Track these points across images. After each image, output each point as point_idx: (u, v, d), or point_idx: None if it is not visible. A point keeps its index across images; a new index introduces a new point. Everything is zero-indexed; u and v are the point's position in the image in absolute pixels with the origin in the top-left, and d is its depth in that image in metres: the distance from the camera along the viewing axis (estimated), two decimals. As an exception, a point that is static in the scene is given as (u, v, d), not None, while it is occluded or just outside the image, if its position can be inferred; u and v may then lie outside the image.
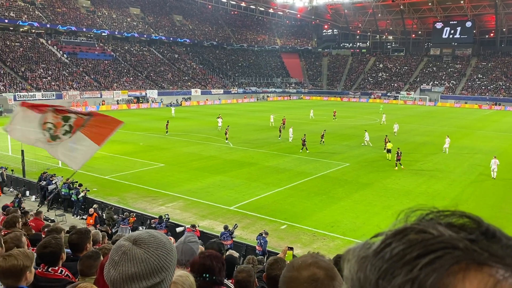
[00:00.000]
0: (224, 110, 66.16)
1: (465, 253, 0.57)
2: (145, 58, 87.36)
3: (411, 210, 0.67)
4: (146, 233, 1.47)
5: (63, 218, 18.96)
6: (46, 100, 60.76)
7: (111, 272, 1.39)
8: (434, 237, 0.59)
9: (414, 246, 0.58)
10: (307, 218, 18.77)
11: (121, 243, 1.43)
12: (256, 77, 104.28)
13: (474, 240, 0.58)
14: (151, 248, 1.41)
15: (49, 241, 4.27)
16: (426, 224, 0.62)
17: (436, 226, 0.61)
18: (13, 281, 3.32)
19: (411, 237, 0.60)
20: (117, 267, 1.38)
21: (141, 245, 1.41)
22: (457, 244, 0.58)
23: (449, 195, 22.29)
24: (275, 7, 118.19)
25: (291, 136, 36.35)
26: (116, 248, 1.42)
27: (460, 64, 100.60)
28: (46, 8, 79.74)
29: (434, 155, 32.58)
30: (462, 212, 0.64)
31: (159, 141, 36.37)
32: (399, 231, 0.62)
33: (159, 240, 1.45)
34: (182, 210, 19.74)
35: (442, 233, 0.59)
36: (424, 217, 0.64)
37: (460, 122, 55.90)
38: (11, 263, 3.30)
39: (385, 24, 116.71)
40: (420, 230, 0.61)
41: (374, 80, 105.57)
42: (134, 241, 1.42)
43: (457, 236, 0.59)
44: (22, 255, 3.39)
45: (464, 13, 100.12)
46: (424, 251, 0.58)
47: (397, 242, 0.60)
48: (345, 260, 0.67)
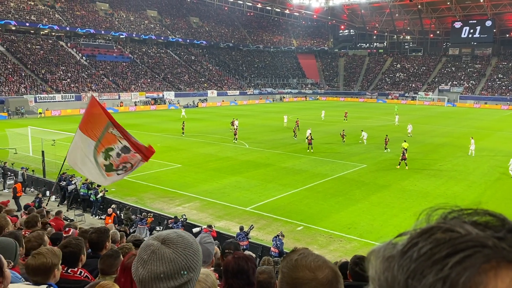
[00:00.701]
0: (240, 111, 66.33)
1: (495, 251, 0.56)
2: (162, 60, 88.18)
3: (432, 209, 0.67)
4: (174, 233, 1.49)
5: (82, 218, 19.28)
6: (65, 102, 61.90)
7: (140, 271, 1.41)
8: (462, 235, 0.59)
9: (442, 245, 0.58)
10: (323, 219, 18.68)
11: (150, 242, 1.45)
12: (272, 78, 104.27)
13: (501, 238, 0.58)
14: (179, 248, 1.43)
15: (70, 241, 4.35)
16: (452, 223, 0.62)
17: (463, 225, 0.61)
18: (42, 278, 3.41)
19: (438, 236, 0.60)
20: (146, 266, 1.40)
21: (169, 245, 1.43)
22: (486, 242, 0.57)
23: (469, 197, 21.91)
24: (291, 8, 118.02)
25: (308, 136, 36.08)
26: (145, 247, 1.45)
27: (479, 64, 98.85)
28: (66, 11, 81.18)
29: (453, 156, 32.07)
30: (484, 210, 0.64)
31: (176, 142, 36.66)
32: (426, 230, 0.62)
33: (187, 240, 1.47)
34: (199, 211, 19.86)
35: (469, 231, 0.59)
36: (447, 216, 0.64)
37: (479, 123, 54.91)
38: (40, 261, 3.40)
39: (402, 24, 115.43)
40: (447, 229, 0.60)
41: (392, 80, 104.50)
42: (163, 240, 1.44)
43: (484, 234, 0.58)
44: (50, 253, 3.48)
45: (483, 12, 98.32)
46: (453, 250, 0.57)
47: (424, 241, 0.60)
48: (369, 261, 0.66)
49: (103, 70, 74.81)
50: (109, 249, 4.87)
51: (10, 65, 64.29)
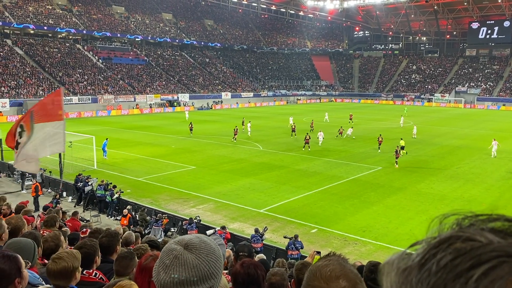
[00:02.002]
0: (254, 113, 66.40)
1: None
2: (177, 63, 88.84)
3: (444, 216, 0.64)
4: (197, 238, 1.47)
5: (98, 219, 19.50)
6: (82, 104, 62.79)
7: (162, 275, 1.39)
8: (484, 245, 0.55)
9: (463, 256, 0.55)
10: (338, 222, 18.56)
11: (173, 247, 1.43)
12: (286, 80, 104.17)
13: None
14: (202, 254, 1.41)
15: (85, 242, 4.39)
16: (471, 231, 0.58)
17: (483, 233, 0.57)
18: (64, 282, 3.44)
19: (458, 246, 0.56)
20: (168, 271, 1.38)
21: (192, 251, 1.41)
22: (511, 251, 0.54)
23: (486, 201, 21.54)
24: (305, 10, 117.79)
25: (320, 140, 35.95)
26: (167, 251, 1.43)
27: (498, 65, 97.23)
28: (83, 15, 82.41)
29: (470, 158, 31.58)
30: (500, 216, 0.61)
31: (190, 144, 36.86)
32: (444, 240, 0.58)
33: (209, 246, 1.45)
34: (213, 212, 19.91)
35: (490, 240, 0.56)
36: (462, 223, 0.61)
37: (497, 125, 53.97)
38: (61, 266, 3.42)
39: (418, 25, 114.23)
40: (467, 238, 0.57)
41: (407, 82, 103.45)
42: (186, 245, 1.42)
43: (507, 243, 0.55)
44: (70, 257, 3.50)
45: (501, 12, 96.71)
46: (476, 261, 0.53)
47: (443, 252, 0.57)
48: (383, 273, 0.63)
49: (119, 72, 75.69)
50: (124, 251, 4.91)
51: (29, 68, 65.51)
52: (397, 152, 29.27)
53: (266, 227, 16.02)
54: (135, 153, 32.59)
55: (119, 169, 27.79)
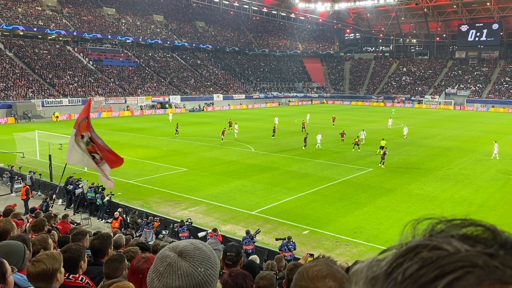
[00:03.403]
0: (245, 115, 66.42)
1: (486, 272, 0.52)
2: (168, 64, 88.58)
3: (417, 221, 0.62)
4: (192, 245, 1.44)
5: (88, 222, 19.36)
6: (72, 106, 62.32)
7: (155, 282, 1.38)
8: (450, 254, 0.54)
9: (429, 266, 0.54)
10: (329, 223, 18.61)
11: (167, 254, 1.41)
12: (277, 82, 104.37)
13: (493, 255, 0.54)
14: (196, 262, 1.39)
15: (69, 246, 4.35)
16: (438, 239, 0.57)
17: (450, 241, 0.56)
18: (44, 284, 3.40)
19: (424, 256, 0.55)
20: (162, 279, 1.36)
21: (186, 258, 1.39)
22: (476, 261, 0.53)
23: (476, 201, 21.74)
24: (296, 12, 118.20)
25: (318, 142, 36.01)
26: (161, 258, 1.41)
27: (486, 67, 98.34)
28: (73, 16, 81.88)
29: (460, 160, 31.87)
30: (473, 221, 0.59)
31: (182, 146, 36.75)
32: (411, 249, 0.57)
33: (204, 253, 1.42)
34: (205, 215, 19.86)
35: (458, 249, 0.54)
36: (434, 229, 0.59)
37: (487, 126, 54.56)
38: (40, 268, 3.38)
39: (408, 27, 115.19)
40: (434, 246, 0.56)
41: (398, 84, 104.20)
42: (180, 253, 1.40)
43: (475, 252, 0.54)
44: (50, 259, 3.46)
45: (490, 15, 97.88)
46: (440, 271, 0.53)
47: (409, 261, 0.55)
48: (352, 281, 0.62)
49: (110, 74, 75.28)
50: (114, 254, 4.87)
51: (18, 69, 64.90)
52: (385, 152, 29.59)
53: (259, 229, 16.02)
54: (125, 155, 32.28)
55: (110, 171, 27.56)
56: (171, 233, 17.47)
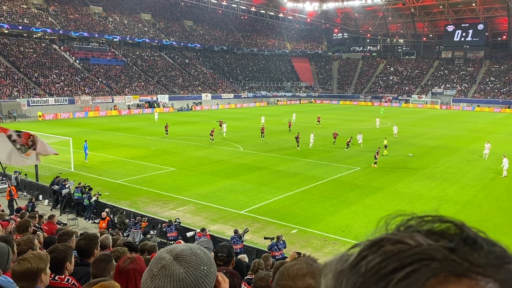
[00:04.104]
0: (234, 114, 66.36)
1: (443, 265, 0.54)
2: (156, 63, 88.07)
3: (391, 217, 0.64)
4: (189, 250, 1.42)
5: (75, 222, 19.15)
6: (58, 105, 61.61)
7: (148, 283, 1.37)
8: (411, 247, 0.56)
9: (390, 258, 0.55)
10: (318, 222, 18.69)
11: (162, 256, 1.40)
12: (266, 81, 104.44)
13: (453, 249, 0.55)
14: (191, 267, 1.37)
15: (56, 247, 4.30)
16: (403, 233, 0.59)
17: (414, 235, 0.58)
18: (28, 283, 3.36)
19: (387, 249, 0.57)
20: (154, 280, 1.35)
21: (181, 262, 1.37)
22: (435, 254, 0.54)
23: (462, 200, 22.02)
24: (285, 12, 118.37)
25: (311, 141, 36.17)
26: (157, 259, 1.40)
27: (472, 67, 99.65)
28: (59, 14, 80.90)
29: (446, 158, 32.25)
30: (443, 217, 0.61)
31: (170, 145, 36.57)
32: (375, 242, 0.59)
33: (201, 259, 1.40)
34: (193, 214, 19.79)
35: (419, 242, 0.56)
36: (404, 224, 0.61)
37: (472, 125, 55.29)
38: (25, 267, 3.34)
39: (395, 27, 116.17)
40: (397, 240, 0.57)
41: (385, 83, 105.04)
42: (176, 256, 1.38)
43: (435, 246, 0.55)
44: (35, 258, 3.42)
45: (475, 15, 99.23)
46: (399, 264, 0.54)
47: (372, 254, 0.57)
48: (322, 274, 0.63)
49: (97, 73, 74.58)
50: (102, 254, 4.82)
51: (3, 68, 63.92)
52: (377, 152, 29.65)
53: (247, 228, 16.00)
54: (113, 155, 32.13)
55: (97, 171, 27.35)
56: (159, 233, 17.37)
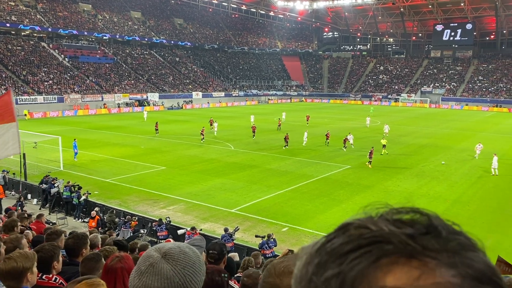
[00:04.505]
0: (225, 113, 66.27)
1: (397, 247, 0.56)
2: (146, 62, 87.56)
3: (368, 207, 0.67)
4: (178, 248, 1.42)
5: (64, 221, 19.00)
6: (47, 103, 60.96)
7: (135, 281, 1.37)
8: (371, 231, 0.58)
9: (350, 241, 0.58)
10: (308, 220, 18.76)
11: (151, 254, 1.40)
12: (257, 80, 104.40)
13: (412, 235, 0.57)
14: (179, 265, 1.36)
15: (43, 246, 4.26)
16: (368, 219, 0.62)
17: (377, 222, 0.60)
18: (14, 283, 3.33)
19: (350, 232, 0.60)
20: (142, 278, 1.35)
21: (169, 260, 1.37)
22: (391, 238, 0.57)
23: (451, 197, 22.26)
24: (275, 10, 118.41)
25: (305, 140, 36.28)
26: (145, 257, 1.40)
27: (461, 66, 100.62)
28: (48, 12, 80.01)
29: (435, 157, 32.55)
30: (415, 208, 0.63)
31: (160, 144, 36.41)
32: (342, 227, 0.62)
33: (189, 258, 1.40)
34: (183, 213, 19.75)
35: (381, 228, 0.59)
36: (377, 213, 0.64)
37: (461, 124, 55.86)
38: (10, 266, 3.31)
39: (385, 26, 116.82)
40: (360, 225, 0.60)
41: (375, 82, 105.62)
42: (164, 254, 1.38)
43: (395, 231, 0.58)
44: (21, 257, 3.39)
45: (464, 15, 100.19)
46: (356, 245, 0.57)
47: (337, 237, 0.60)
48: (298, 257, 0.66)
49: (86, 71, 73.93)
50: (91, 252, 4.79)
51: (-10, 66, 63.08)
52: (371, 152, 29.26)
53: (238, 227, 16.02)
54: (103, 154, 31.91)
55: (86, 170, 27.14)
56: (149, 232, 17.31)
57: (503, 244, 16.16)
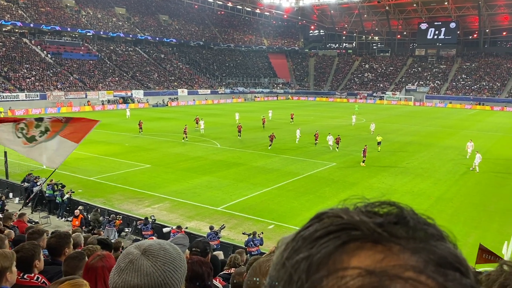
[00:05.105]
0: (211, 110, 66.02)
1: (364, 233, 0.58)
2: (130, 58, 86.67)
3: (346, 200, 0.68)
4: (158, 245, 1.41)
5: (47, 220, 18.70)
6: (29, 101, 59.92)
7: (115, 278, 1.35)
8: (342, 220, 0.61)
9: (322, 228, 0.61)
10: (294, 217, 18.79)
11: (130, 251, 1.39)
12: (243, 78, 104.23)
13: (380, 223, 0.60)
14: (159, 262, 1.35)
15: (23, 246, 4.18)
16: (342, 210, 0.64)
17: (350, 212, 0.63)
18: None
19: (324, 221, 0.62)
20: (121, 275, 1.34)
21: (149, 257, 1.36)
22: (359, 225, 0.59)
23: (434, 194, 22.53)
24: (261, 8, 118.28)
25: (298, 137, 36.31)
26: (125, 254, 1.38)
27: (444, 64, 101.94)
28: (30, 7, 78.57)
29: (419, 154, 32.93)
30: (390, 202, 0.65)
31: (145, 142, 36.10)
32: (317, 216, 0.64)
33: (169, 254, 1.39)
34: (169, 211, 19.61)
35: (352, 217, 0.61)
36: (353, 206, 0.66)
37: (445, 122, 56.61)
38: None
39: (370, 25, 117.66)
40: (333, 215, 0.62)
41: (360, 80, 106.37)
42: (144, 251, 1.37)
43: (365, 220, 0.60)
44: (0, 257, 3.31)
45: (448, 14, 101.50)
46: (326, 231, 0.60)
47: (312, 226, 0.62)
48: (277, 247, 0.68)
49: (69, 68, 72.86)
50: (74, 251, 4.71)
51: (-30, 62, 61.72)
52: (365, 150, 28.87)
53: (224, 224, 15.98)
54: (86, 152, 31.48)
55: (70, 168, 26.74)
56: (134, 231, 17.14)
57: (486, 240, 16.43)
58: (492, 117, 64.44)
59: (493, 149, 35.60)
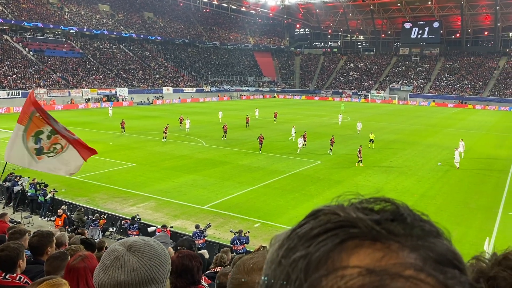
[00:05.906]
0: (197, 108, 65.72)
1: (362, 231, 0.58)
2: (115, 56, 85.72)
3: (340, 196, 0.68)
4: (143, 241, 1.42)
5: (29, 220, 18.39)
6: (11, 99, 58.84)
7: (101, 276, 1.34)
8: (339, 217, 0.60)
9: (319, 226, 0.60)
10: (280, 216, 18.84)
11: (115, 247, 1.39)
12: (229, 76, 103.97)
13: (377, 221, 0.59)
14: (145, 257, 1.36)
15: (7, 245, 4.11)
16: (338, 207, 0.63)
17: (346, 209, 0.62)
18: None
19: (320, 218, 0.61)
20: (107, 272, 1.33)
21: (134, 253, 1.36)
22: (357, 223, 0.58)
23: (418, 192, 22.82)
24: (247, 6, 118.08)
25: (293, 135, 36.34)
26: (110, 251, 1.38)
27: (428, 63, 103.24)
28: (11, 3, 77.08)
29: (403, 152, 33.30)
30: (385, 198, 0.65)
31: (129, 140, 35.76)
32: (313, 213, 0.64)
33: (154, 250, 1.40)
34: (154, 210, 19.47)
35: (349, 214, 0.60)
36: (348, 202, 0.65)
37: (428, 120, 57.36)
38: None
39: (355, 24, 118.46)
40: (329, 211, 0.62)
41: (345, 79, 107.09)
42: (129, 247, 1.37)
43: (362, 217, 0.59)
44: None
45: (431, 13, 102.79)
46: (323, 229, 0.59)
47: (308, 223, 0.62)
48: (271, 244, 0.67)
49: (52, 65, 71.71)
50: (56, 251, 4.64)
51: (-51, 59, 60.30)
52: (360, 151, 28.16)
53: (209, 223, 15.93)
54: (70, 150, 31.05)
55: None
56: (119, 230, 16.98)
57: (468, 237, 16.71)
58: (474, 116, 65.53)
59: (475, 147, 36.21)
